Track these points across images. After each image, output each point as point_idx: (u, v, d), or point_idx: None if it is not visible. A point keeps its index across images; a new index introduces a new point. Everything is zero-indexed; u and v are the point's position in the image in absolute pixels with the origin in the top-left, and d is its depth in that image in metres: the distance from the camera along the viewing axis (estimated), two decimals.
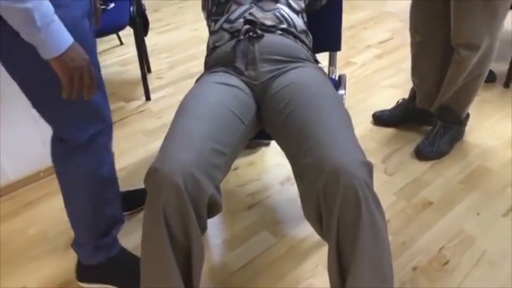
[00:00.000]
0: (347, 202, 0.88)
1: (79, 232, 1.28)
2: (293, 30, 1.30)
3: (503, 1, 1.55)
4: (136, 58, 2.43)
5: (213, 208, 0.98)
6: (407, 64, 2.58)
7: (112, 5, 2.28)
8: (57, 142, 1.16)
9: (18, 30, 0.88)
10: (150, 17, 2.53)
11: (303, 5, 1.42)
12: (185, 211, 0.90)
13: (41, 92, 1.04)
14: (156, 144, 2.07)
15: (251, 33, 1.22)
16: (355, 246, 0.88)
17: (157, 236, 0.91)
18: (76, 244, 1.32)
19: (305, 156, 0.96)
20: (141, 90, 2.50)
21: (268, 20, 1.27)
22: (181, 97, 2.60)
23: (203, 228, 0.97)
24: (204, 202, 0.93)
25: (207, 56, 1.36)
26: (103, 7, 2.24)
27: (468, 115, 1.91)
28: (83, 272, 1.35)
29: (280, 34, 1.26)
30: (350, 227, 0.89)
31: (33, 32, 0.87)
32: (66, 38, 0.92)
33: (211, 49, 1.32)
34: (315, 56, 1.36)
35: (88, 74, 0.97)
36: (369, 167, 0.92)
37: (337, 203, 0.88)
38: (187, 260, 0.96)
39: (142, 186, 1.74)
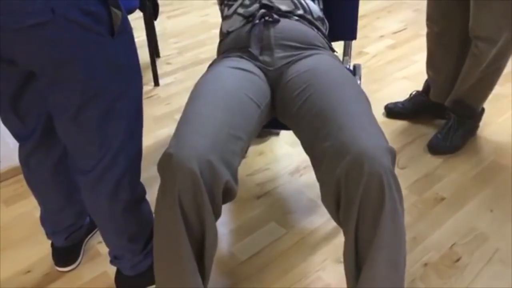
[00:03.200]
0: (370, 188, 0.85)
1: (125, 248, 1.17)
2: (309, 16, 1.27)
3: None
4: (145, 43, 2.39)
5: (227, 194, 0.96)
6: (421, 56, 2.54)
7: None
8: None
9: None
10: (159, 1, 2.49)
11: None
12: (200, 197, 0.89)
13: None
14: (164, 131, 2.04)
15: (266, 18, 1.18)
16: (375, 234, 0.86)
17: (172, 222, 0.90)
18: (117, 261, 1.21)
19: (325, 139, 0.93)
20: (149, 75, 2.47)
21: (284, 5, 1.24)
22: (190, 83, 2.59)
23: (217, 215, 0.95)
24: (219, 188, 0.91)
25: (220, 42, 1.33)
26: None
27: (483, 110, 1.87)
28: (132, 281, 1.25)
29: (296, 20, 1.22)
30: (371, 214, 0.87)
31: None
32: None
33: (225, 34, 1.28)
34: (331, 44, 1.32)
35: None
36: (393, 154, 0.89)
37: (359, 189, 0.86)
38: (201, 247, 0.95)
39: (149, 172, 1.73)
